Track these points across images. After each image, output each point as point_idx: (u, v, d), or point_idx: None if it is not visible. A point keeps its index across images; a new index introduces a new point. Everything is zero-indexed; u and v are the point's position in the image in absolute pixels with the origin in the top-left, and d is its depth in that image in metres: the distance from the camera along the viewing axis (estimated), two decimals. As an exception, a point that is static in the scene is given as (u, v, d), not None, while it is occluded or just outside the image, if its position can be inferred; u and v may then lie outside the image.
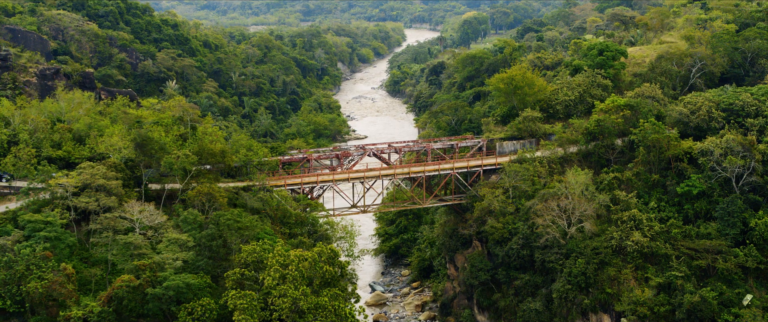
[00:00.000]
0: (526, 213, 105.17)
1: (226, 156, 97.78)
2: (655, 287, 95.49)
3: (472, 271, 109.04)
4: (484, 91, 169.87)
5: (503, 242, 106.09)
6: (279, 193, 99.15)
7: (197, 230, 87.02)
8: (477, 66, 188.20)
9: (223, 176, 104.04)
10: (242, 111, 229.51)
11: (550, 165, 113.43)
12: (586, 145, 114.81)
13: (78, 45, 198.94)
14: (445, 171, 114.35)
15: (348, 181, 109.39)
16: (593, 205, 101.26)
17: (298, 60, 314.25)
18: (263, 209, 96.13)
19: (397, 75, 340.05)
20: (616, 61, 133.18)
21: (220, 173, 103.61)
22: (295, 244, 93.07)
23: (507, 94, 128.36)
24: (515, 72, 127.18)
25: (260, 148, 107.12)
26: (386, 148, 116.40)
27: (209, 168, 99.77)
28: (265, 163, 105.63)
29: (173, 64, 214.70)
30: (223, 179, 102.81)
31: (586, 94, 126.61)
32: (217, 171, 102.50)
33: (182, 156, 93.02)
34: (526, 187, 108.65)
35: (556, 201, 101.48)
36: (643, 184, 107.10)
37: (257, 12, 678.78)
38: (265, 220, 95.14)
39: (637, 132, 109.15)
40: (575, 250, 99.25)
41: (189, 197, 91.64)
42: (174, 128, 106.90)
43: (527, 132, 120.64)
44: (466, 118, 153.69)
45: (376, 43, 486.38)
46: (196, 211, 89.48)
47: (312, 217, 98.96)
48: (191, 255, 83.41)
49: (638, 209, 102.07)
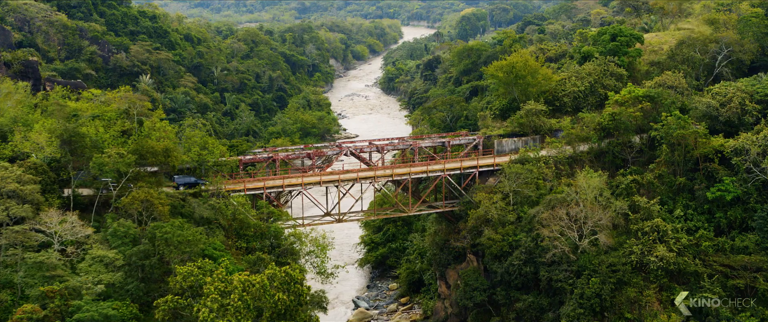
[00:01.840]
0: (530, 223, 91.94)
1: (172, 155, 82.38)
2: (684, 311, 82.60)
3: (466, 290, 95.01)
4: (481, 85, 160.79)
5: (502, 257, 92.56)
6: (236, 199, 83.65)
7: (129, 246, 71.73)
8: (474, 59, 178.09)
9: (172, 179, 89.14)
10: (223, 108, 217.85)
11: (557, 166, 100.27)
12: (598, 143, 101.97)
13: (45, 37, 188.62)
14: (434, 173, 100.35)
15: (320, 184, 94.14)
16: (609, 213, 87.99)
17: (287, 55, 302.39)
18: (215, 218, 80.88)
19: (391, 72, 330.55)
20: (630, 48, 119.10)
21: (169, 175, 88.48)
22: (251, 261, 77.78)
23: (507, 85, 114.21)
24: (516, 59, 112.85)
25: (217, 146, 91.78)
26: (367, 147, 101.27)
27: (154, 170, 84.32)
28: (223, 163, 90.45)
29: (148, 57, 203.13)
30: (171, 183, 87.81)
31: (598, 85, 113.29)
32: (165, 174, 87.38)
33: (115, 155, 77.40)
34: (530, 192, 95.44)
35: (565, 209, 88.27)
36: (667, 188, 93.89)
37: (252, 10, 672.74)
38: (216, 232, 79.92)
39: (658, 127, 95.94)
40: (588, 267, 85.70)
41: (123, 205, 76.13)
42: (118, 123, 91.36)
43: (530, 128, 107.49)
44: (462, 115, 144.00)
45: (372, 40, 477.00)
46: (130, 222, 73.99)
47: (274, 228, 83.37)
48: (118, 277, 68.64)
49: (662, 217, 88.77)
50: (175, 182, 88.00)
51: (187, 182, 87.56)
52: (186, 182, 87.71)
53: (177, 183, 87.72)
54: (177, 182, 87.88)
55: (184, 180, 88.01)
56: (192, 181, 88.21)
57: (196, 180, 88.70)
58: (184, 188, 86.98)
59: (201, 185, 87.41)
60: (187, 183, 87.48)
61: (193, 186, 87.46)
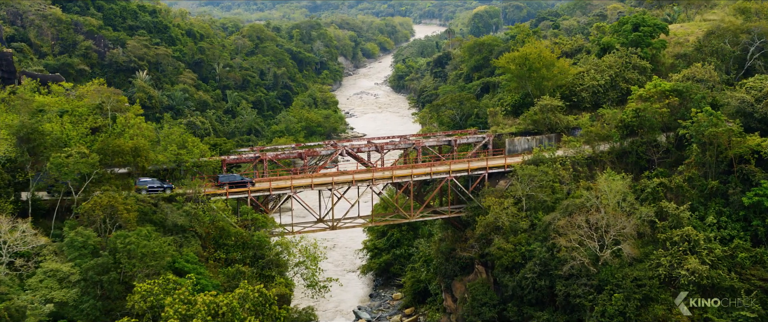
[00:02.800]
0: (545, 231, 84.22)
1: (142, 155, 73.74)
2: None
3: (474, 305, 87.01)
4: (493, 82, 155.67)
5: (514, 269, 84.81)
6: (214, 204, 74.98)
7: (88, 258, 63.06)
8: (485, 54, 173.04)
9: (216, 179, 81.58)
10: (225, 106, 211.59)
11: (575, 167, 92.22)
12: (621, 142, 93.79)
13: (38, 31, 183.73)
14: (439, 175, 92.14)
15: (311, 188, 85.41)
16: (633, 220, 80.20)
17: (293, 52, 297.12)
18: (190, 226, 72.15)
19: (401, 69, 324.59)
20: (654, 39, 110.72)
21: (143, 177, 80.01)
22: (230, 275, 69.15)
23: (519, 79, 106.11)
24: (530, 50, 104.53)
25: (197, 144, 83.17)
26: (365, 146, 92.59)
27: (123, 172, 75.86)
28: (203, 164, 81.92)
29: (146, 52, 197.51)
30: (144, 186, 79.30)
31: (619, 78, 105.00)
32: (138, 175, 78.95)
33: (77, 155, 68.80)
34: (545, 196, 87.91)
35: (584, 215, 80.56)
36: (698, 192, 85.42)
37: (262, 8, 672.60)
38: (191, 241, 71.25)
39: (688, 125, 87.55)
40: (610, 281, 77.84)
41: (83, 211, 67.55)
42: (89, 119, 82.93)
43: (545, 125, 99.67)
44: (472, 113, 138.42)
45: (383, 37, 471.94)
46: (90, 230, 65.29)
47: (258, 237, 74.57)
48: (73, 294, 60.41)
49: (693, 225, 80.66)
50: (219, 180, 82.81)
51: (232, 181, 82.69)
52: (231, 180, 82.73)
53: (220, 182, 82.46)
54: (221, 180, 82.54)
55: (229, 179, 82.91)
56: (238, 179, 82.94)
57: (242, 178, 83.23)
58: (229, 187, 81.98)
59: (251, 183, 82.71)
60: (233, 182, 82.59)
61: (238, 186, 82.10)
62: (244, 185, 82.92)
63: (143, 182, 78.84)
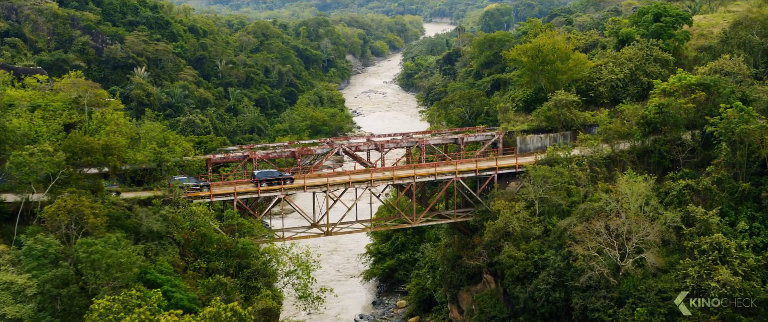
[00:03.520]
0: (560, 238, 78.19)
1: (114, 153, 67.11)
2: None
3: (482, 318, 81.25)
4: (504, 78, 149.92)
5: (526, 279, 78.62)
6: (195, 208, 68.39)
7: (48, 268, 56.49)
8: (496, 50, 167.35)
9: (127, 182, 74.47)
10: (227, 104, 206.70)
11: (593, 168, 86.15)
12: (643, 141, 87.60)
13: (33, 26, 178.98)
14: (444, 176, 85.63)
15: (304, 190, 78.81)
16: (657, 226, 73.60)
17: (300, 50, 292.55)
18: (167, 232, 65.56)
19: (410, 67, 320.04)
20: (677, 30, 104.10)
21: (122, 178, 73.63)
22: (210, 286, 62.52)
23: (532, 72, 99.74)
24: (543, 41, 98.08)
25: (181, 142, 76.81)
26: (363, 144, 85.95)
27: (95, 172, 69.38)
28: (186, 164, 75.55)
29: (145, 48, 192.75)
30: (123, 187, 73.01)
31: (640, 72, 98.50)
32: (116, 176, 72.63)
33: (40, 153, 62.27)
34: (560, 199, 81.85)
35: (604, 221, 74.25)
36: (728, 196, 78.44)
37: (271, 7, 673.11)
38: (168, 249, 64.61)
39: (716, 121, 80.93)
40: (632, 293, 71.45)
41: (47, 216, 61.05)
42: (63, 115, 76.59)
43: (560, 122, 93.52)
44: (482, 111, 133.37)
45: (392, 35, 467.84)
46: (52, 237, 58.69)
47: (243, 244, 67.90)
48: (28, 310, 53.88)
49: (723, 232, 73.82)
50: (256, 177, 77.76)
51: (269, 178, 77.89)
52: (268, 177, 77.97)
53: (257, 178, 77.39)
54: (257, 176, 77.55)
55: (266, 175, 78.15)
56: (276, 175, 78.16)
57: (281, 174, 78.48)
58: (266, 184, 77.61)
59: (290, 180, 78.80)
60: (270, 179, 77.81)
61: (277, 182, 77.41)
62: (283, 182, 78.36)
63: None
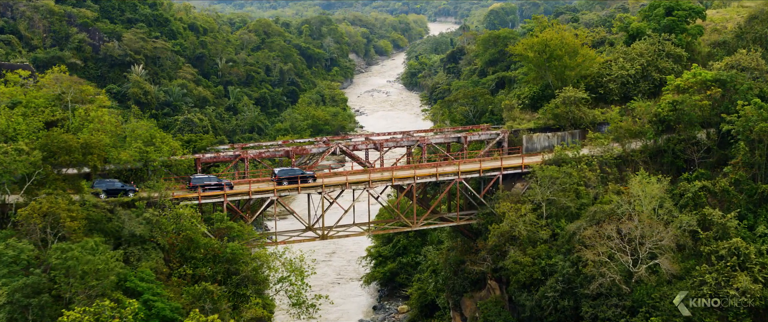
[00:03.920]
0: (569, 242, 74.82)
1: (94, 152, 63.40)
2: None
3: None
4: (509, 76, 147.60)
5: (533, 286, 75.28)
6: (182, 210, 64.54)
7: (20, 275, 52.77)
8: (501, 48, 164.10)
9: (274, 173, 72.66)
10: (227, 102, 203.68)
11: (603, 168, 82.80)
12: (655, 140, 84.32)
13: (29, 23, 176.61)
14: (446, 176, 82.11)
15: (298, 191, 75.00)
16: (672, 230, 70.10)
17: (302, 48, 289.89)
18: (151, 236, 61.74)
19: (414, 66, 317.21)
20: (690, 24, 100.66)
21: (103, 177, 69.88)
22: (195, 294, 58.72)
23: (539, 68, 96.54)
24: (550, 36, 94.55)
25: (168, 141, 73.04)
26: (361, 143, 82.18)
27: (76, 172, 65.62)
28: (174, 163, 71.79)
29: (143, 46, 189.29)
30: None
31: (652, 68, 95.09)
32: (98, 176, 68.85)
33: (13, 152, 58.56)
34: (568, 202, 78.58)
35: (615, 224, 70.95)
36: (746, 198, 74.87)
37: (275, 6, 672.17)
38: (151, 255, 60.79)
39: (733, 119, 77.52)
40: (646, 301, 68.10)
41: (21, 219, 57.28)
42: (46, 112, 72.98)
43: (568, 120, 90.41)
44: (487, 110, 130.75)
45: (396, 35, 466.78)
46: (26, 242, 54.90)
47: (232, 248, 64.01)
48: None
49: (741, 236, 70.09)
50: (276, 175, 75.76)
51: (292, 176, 75.61)
52: (291, 175, 75.70)
53: (278, 176, 75.33)
54: (278, 174, 75.37)
55: (289, 173, 75.94)
56: (299, 173, 75.70)
57: (303, 172, 76.03)
58: (287, 182, 75.41)
59: (313, 178, 76.69)
60: (292, 177, 75.47)
61: (302, 180, 75.50)
62: (306, 180, 75.55)
63: (198, 179, 72.21)
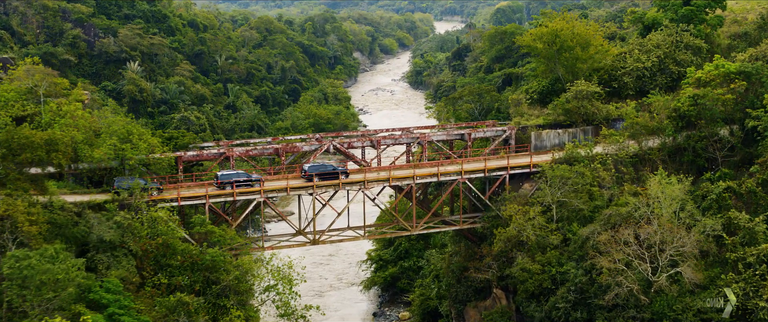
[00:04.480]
0: (581, 248, 70.09)
1: (60, 148, 58.42)
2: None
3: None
4: (516, 73, 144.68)
5: (542, 296, 70.65)
6: (157, 213, 59.24)
7: (-30, 286, 47.49)
8: (507, 44, 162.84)
9: (84, 183, 65.76)
10: (226, 100, 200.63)
11: (618, 168, 77.85)
12: (674, 137, 79.21)
13: (22, 18, 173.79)
14: (448, 176, 77.26)
15: (287, 192, 69.81)
16: (695, 235, 65.04)
17: (305, 46, 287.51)
18: (122, 242, 56.46)
19: (419, 65, 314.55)
20: (709, 15, 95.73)
21: (79, 178, 64.87)
22: (170, 307, 53.37)
23: (548, 60, 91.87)
24: (561, 26, 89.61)
25: (146, 138, 68.00)
26: (357, 141, 77.09)
27: (41, 171, 60.52)
28: (154, 162, 66.66)
29: (139, 42, 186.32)
30: (79, 189, 64.26)
31: (669, 60, 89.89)
32: (72, 175, 63.86)
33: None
34: (581, 204, 73.92)
35: (632, 229, 66.04)
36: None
37: (280, 5, 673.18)
38: (122, 262, 55.61)
39: (760, 114, 72.74)
40: (667, 313, 63.49)
41: (-24, 223, 52.14)
42: (16, 106, 67.95)
43: (580, 116, 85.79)
44: (493, 107, 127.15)
45: (401, 33, 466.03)
46: (-21, 248, 49.74)
47: (211, 255, 58.73)
48: (-61, 338, 44.26)
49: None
50: (306, 171, 71.76)
51: (323, 172, 71.66)
52: (321, 171, 71.65)
53: (309, 172, 71.35)
54: (309, 170, 71.54)
55: (319, 169, 71.80)
56: (330, 169, 71.77)
57: (335, 168, 72.02)
58: (319, 179, 71.39)
59: (345, 174, 72.91)
60: (323, 173, 71.51)
61: (330, 177, 71.87)
62: (336, 176, 71.49)
63: (225, 175, 67.98)
